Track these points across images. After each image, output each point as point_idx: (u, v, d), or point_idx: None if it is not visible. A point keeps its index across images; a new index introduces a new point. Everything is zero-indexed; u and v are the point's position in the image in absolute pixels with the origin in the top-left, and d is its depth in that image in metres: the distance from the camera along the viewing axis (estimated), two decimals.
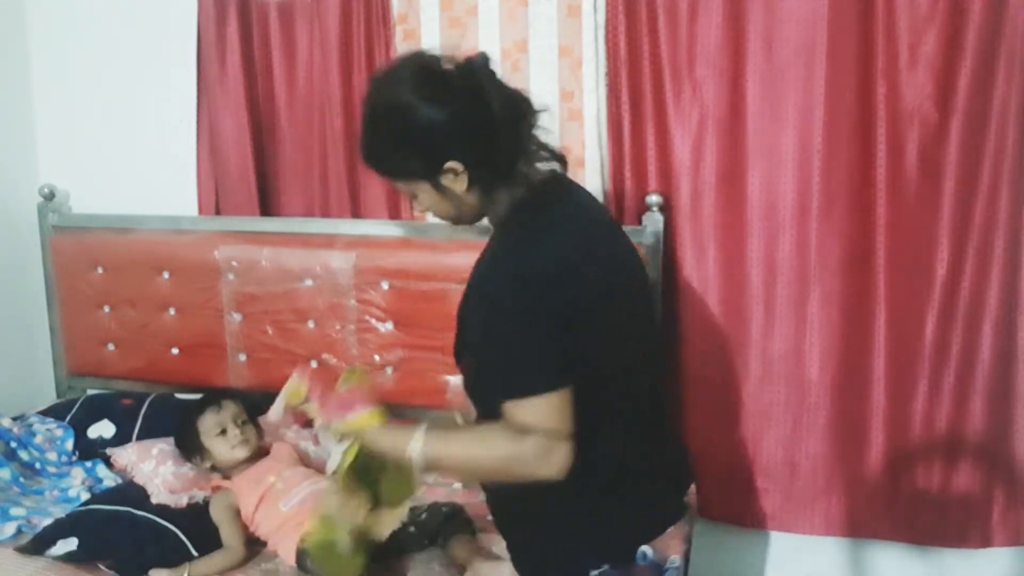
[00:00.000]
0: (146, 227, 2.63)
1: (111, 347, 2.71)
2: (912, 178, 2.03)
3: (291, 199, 2.56)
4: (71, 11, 2.73)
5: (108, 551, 1.88)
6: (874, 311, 2.10)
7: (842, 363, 2.13)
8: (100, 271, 2.67)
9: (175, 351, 2.63)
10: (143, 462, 2.16)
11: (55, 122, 2.81)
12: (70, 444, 2.39)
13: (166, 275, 2.59)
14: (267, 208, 2.58)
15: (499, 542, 1.64)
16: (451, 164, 1.31)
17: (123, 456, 2.25)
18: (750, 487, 2.25)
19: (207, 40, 2.51)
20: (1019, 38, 1.92)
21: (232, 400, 2.15)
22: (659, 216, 2.17)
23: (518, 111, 1.35)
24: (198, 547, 1.90)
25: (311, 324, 2.45)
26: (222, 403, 2.12)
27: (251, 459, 2.07)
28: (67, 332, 2.77)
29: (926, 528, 2.16)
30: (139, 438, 2.34)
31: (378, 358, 2.40)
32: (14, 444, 2.31)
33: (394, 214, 2.44)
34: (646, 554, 1.40)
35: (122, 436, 2.38)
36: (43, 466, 2.32)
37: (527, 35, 2.24)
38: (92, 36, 2.71)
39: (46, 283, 2.77)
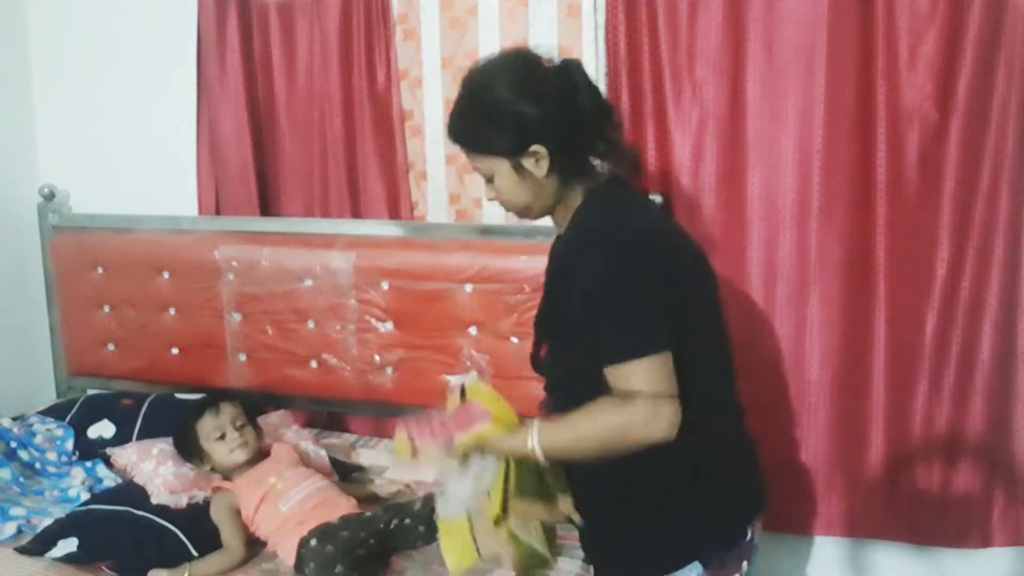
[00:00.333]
0: (146, 227, 2.63)
1: (111, 347, 2.71)
2: (912, 178, 2.03)
3: (291, 199, 2.56)
4: (71, 11, 2.73)
5: (108, 551, 1.88)
6: (874, 311, 2.10)
7: (842, 363, 2.13)
8: (100, 271, 2.67)
9: (175, 351, 2.63)
10: (143, 462, 2.16)
11: (55, 122, 2.81)
12: (70, 444, 2.39)
13: (166, 275, 2.59)
14: (267, 208, 2.58)
15: None
16: (536, 148, 1.37)
17: (123, 456, 2.25)
18: None
19: (207, 40, 2.51)
20: (1019, 38, 1.92)
21: (230, 403, 2.14)
22: None
23: (603, 112, 1.43)
24: (198, 547, 1.90)
25: (311, 324, 2.45)
26: (220, 407, 2.11)
27: (251, 461, 2.07)
28: (67, 332, 2.77)
29: (926, 528, 2.16)
30: (139, 438, 2.34)
31: (378, 358, 2.40)
32: (14, 444, 2.31)
33: (394, 214, 2.44)
34: None
35: (122, 436, 2.38)
36: (43, 466, 2.32)
37: (527, 35, 2.24)
38: (92, 36, 2.71)
39: (46, 283, 2.77)
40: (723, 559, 1.43)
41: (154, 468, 2.12)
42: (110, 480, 2.26)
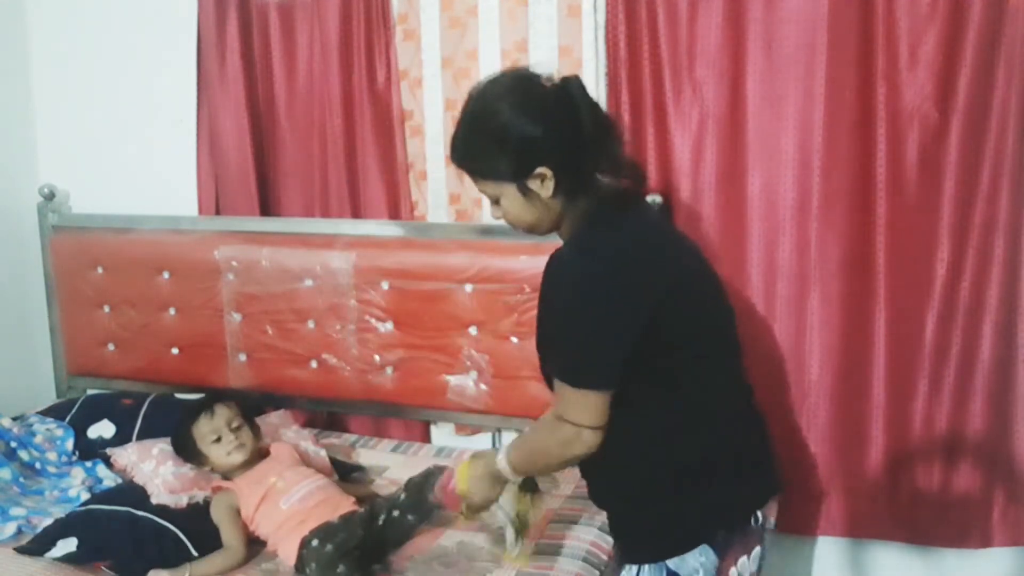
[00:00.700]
0: (146, 227, 2.63)
1: (111, 347, 2.71)
2: (912, 178, 2.03)
3: (291, 199, 2.56)
4: (71, 11, 2.73)
5: (108, 551, 1.88)
6: (874, 311, 2.10)
7: (842, 363, 2.13)
8: (100, 271, 2.67)
9: (175, 351, 2.63)
10: (143, 462, 2.16)
11: (55, 122, 2.81)
12: (70, 444, 2.39)
13: (166, 275, 2.59)
14: (267, 208, 2.58)
15: None
16: (541, 170, 1.39)
17: (123, 456, 2.25)
18: None
19: (207, 40, 2.51)
20: (1019, 38, 1.92)
21: (225, 404, 2.11)
22: None
23: (604, 129, 1.44)
24: (198, 547, 1.90)
25: (311, 324, 2.45)
26: (214, 409, 2.09)
27: (250, 462, 2.06)
28: (67, 332, 2.77)
29: (926, 528, 2.15)
30: (139, 438, 2.34)
31: (378, 358, 2.40)
32: (14, 444, 2.31)
33: (394, 214, 2.44)
34: None
35: (122, 436, 2.38)
36: (43, 466, 2.32)
37: (527, 35, 2.24)
38: (92, 36, 2.71)
39: (46, 283, 2.77)
40: (732, 542, 1.45)
41: (154, 468, 2.12)
42: (110, 480, 2.26)
